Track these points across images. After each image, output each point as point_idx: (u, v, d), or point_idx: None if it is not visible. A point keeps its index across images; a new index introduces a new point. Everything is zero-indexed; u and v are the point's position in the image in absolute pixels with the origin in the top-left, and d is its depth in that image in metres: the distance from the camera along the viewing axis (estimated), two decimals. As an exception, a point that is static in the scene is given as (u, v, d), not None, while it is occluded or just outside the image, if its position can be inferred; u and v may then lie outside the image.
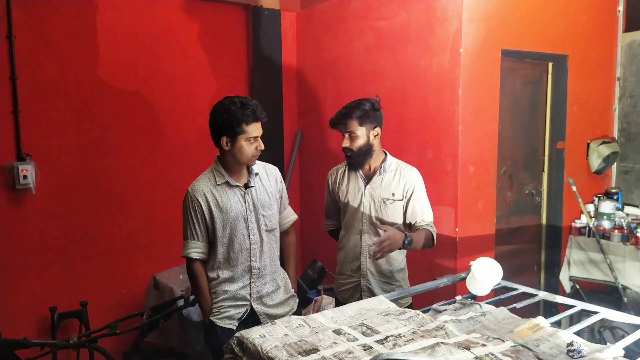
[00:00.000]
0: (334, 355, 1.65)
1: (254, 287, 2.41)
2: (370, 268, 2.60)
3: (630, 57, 4.26)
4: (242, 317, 2.40)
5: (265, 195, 2.44)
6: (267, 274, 2.44)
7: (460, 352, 1.65)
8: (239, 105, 2.28)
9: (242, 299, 2.40)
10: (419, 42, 3.59)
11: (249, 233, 2.38)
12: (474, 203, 3.49)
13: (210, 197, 2.35)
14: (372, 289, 2.60)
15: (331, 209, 2.79)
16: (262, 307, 2.43)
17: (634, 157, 4.29)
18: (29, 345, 3.04)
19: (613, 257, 3.84)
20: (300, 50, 4.76)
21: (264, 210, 2.42)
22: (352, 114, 2.49)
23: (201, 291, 2.41)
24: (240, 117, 2.27)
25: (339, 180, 2.69)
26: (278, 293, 2.49)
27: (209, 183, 2.38)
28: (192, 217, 2.38)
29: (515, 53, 3.65)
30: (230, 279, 2.39)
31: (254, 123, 2.29)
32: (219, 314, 2.39)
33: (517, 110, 3.87)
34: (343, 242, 2.69)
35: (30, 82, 3.48)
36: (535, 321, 1.91)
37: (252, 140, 2.31)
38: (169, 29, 4.04)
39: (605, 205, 4.04)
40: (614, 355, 1.66)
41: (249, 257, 2.39)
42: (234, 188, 2.38)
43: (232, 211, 2.35)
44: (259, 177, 2.46)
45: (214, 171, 2.41)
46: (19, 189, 3.42)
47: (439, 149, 3.49)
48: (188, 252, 2.39)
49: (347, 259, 2.67)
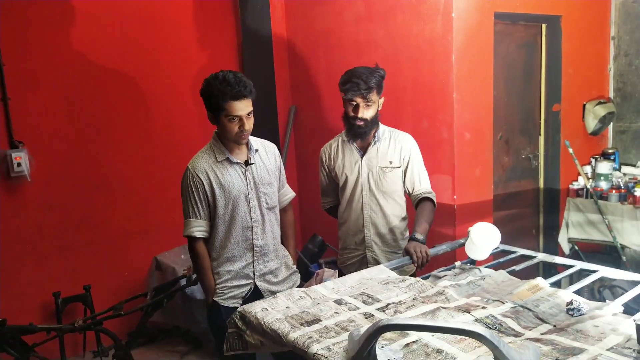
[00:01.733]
0: (335, 325, 1.67)
1: (256, 264, 2.38)
2: (375, 239, 2.60)
3: (624, 15, 4.20)
4: (246, 295, 2.38)
5: (266, 172, 2.39)
6: (269, 251, 2.41)
7: (460, 315, 1.67)
8: (219, 81, 2.16)
9: (245, 277, 2.38)
10: (410, 9, 3.52)
11: (250, 211, 2.33)
12: (471, 170, 3.49)
13: (212, 174, 2.28)
14: (378, 259, 2.59)
15: (327, 186, 2.75)
16: (265, 284, 2.41)
17: (630, 116, 4.27)
18: (35, 330, 3.07)
19: (611, 217, 3.86)
20: (290, 23, 4.69)
21: (264, 187, 2.37)
22: (373, 83, 2.41)
23: (204, 271, 2.36)
24: (217, 93, 2.16)
25: (334, 155, 2.66)
26: (280, 270, 2.47)
27: (210, 160, 2.30)
28: (193, 194, 2.30)
29: (508, 15, 3.60)
30: (233, 257, 2.35)
31: (232, 101, 2.16)
32: (223, 294, 2.36)
33: (512, 74, 3.83)
34: (344, 217, 2.66)
35: (18, 69, 3.43)
36: (534, 282, 1.93)
37: (233, 119, 2.19)
38: (156, 8, 3.96)
39: (602, 166, 4.04)
40: (613, 312, 1.68)
41: (251, 235, 2.35)
42: (234, 165, 2.31)
43: (233, 188, 2.29)
44: (259, 155, 2.39)
45: (213, 147, 2.33)
46: (13, 176, 3.41)
47: (434, 118, 3.47)
48: (191, 230, 2.31)
49: (349, 233, 2.65)
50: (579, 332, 1.55)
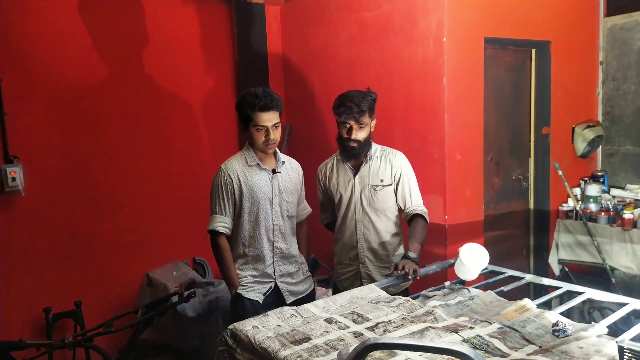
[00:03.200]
0: (325, 344, 1.69)
1: (276, 266, 2.57)
2: (368, 255, 2.69)
3: (612, 41, 4.31)
4: (267, 292, 2.55)
5: (290, 183, 2.61)
6: (289, 255, 2.61)
7: (448, 335, 1.69)
8: (250, 94, 2.43)
9: (267, 276, 2.56)
10: (402, 33, 3.60)
11: (272, 214, 2.53)
12: (462, 190, 3.54)
13: (242, 176, 2.50)
14: (371, 275, 2.68)
15: (324, 203, 2.88)
16: (285, 285, 2.59)
17: (618, 139, 4.35)
18: (25, 346, 3.04)
19: (600, 239, 3.91)
20: (285, 43, 4.76)
21: (287, 196, 2.58)
22: (365, 106, 2.54)
23: (227, 264, 2.52)
24: (246, 105, 2.42)
25: (329, 174, 2.78)
26: (298, 274, 2.67)
27: (241, 163, 2.53)
28: (222, 192, 2.50)
29: (497, 41, 3.68)
30: (256, 257, 2.54)
31: (260, 112, 2.40)
32: (247, 287, 2.53)
33: (502, 97, 3.90)
34: (339, 233, 2.78)
35: (15, 84, 3.46)
36: (521, 303, 1.96)
37: (260, 129, 2.43)
38: (153, 26, 4.01)
39: (591, 188, 4.09)
40: (598, 333, 1.71)
41: (273, 237, 2.55)
42: (263, 171, 2.53)
43: (260, 191, 2.50)
44: (285, 167, 2.61)
45: (245, 153, 2.55)
46: (7, 191, 3.41)
47: (426, 138, 3.52)
48: (215, 225, 2.49)
49: (344, 249, 2.76)
50: (564, 353, 1.58)
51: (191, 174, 4.20)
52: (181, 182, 4.17)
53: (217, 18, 4.36)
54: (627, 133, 4.28)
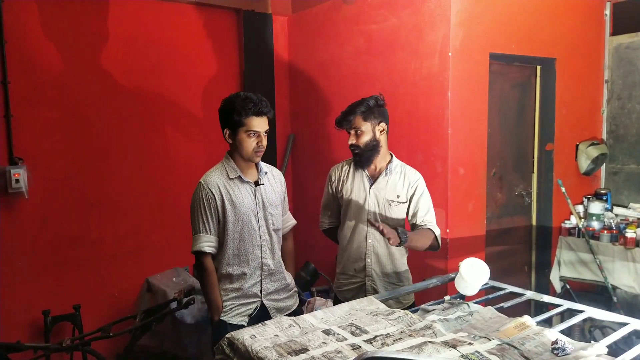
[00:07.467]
0: (322, 355, 1.68)
1: (264, 284, 2.44)
2: (376, 269, 2.61)
3: (617, 60, 4.32)
4: (253, 313, 2.42)
5: (273, 194, 2.48)
6: (276, 272, 2.48)
7: (447, 350, 1.68)
8: (242, 98, 2.31)
9: (253, 296, 2.43)
10: (408, 46, 3.63)
11: (259, 230, 2.41)
12: (465, 204, 3.53)
13: (224, 190, 2.36)
14: (377, 289, 2.60)
15: (330, 206, 2.77)
16: (272, 302, 2.47)
17: (622, 158, 4.35)
18: (22, 348, 3.03)
19: (602, 257, 3.89)
20: (292, 53, 4.80)
21: (272, 208, 2.45)
22: (355, 110, 2.52)
23: (212, 288, 2.38)
24: (239, 108, 2.28)
25: (344, 177, 2.68)
26: (285, 290, 2.54)
27: (222, 176, 2.39)
28: (204, 209, 2.36)
29: (503, 57, 3.70)
30: (242, 275, 2.40)
31: (254, 117, 2.29)
32: (230, 312, 2.40)
33: (506, 112, 3.92)
34: (346, 242, 2.67)
35: (22, 86, 3.49)
36: (521, 320, 1.94)
37: (252, 135, 2.32)
38: (160, 34, 4.06)
39: (594, 206, 4.09)
40: (597, 353, 1.70)
41: (260, 254, 2.42)
42: (245, 184, 2.40)
43: (243, 206, 2.36)
44: (267, 177, 2.48)
45: (225, 166, 2.41)
46: (11, 192, 3.43)
47: (429, 151, 3.53)
48: (200, 246, 2.34)
49: (350, 259, 2.66)
50: (562, 371, 1.56)
51: (194, 182, 4.18)
52: (184, 189, 4.16)
53: (226, 27, 4.40)
54: (631, 152, 4.28)
